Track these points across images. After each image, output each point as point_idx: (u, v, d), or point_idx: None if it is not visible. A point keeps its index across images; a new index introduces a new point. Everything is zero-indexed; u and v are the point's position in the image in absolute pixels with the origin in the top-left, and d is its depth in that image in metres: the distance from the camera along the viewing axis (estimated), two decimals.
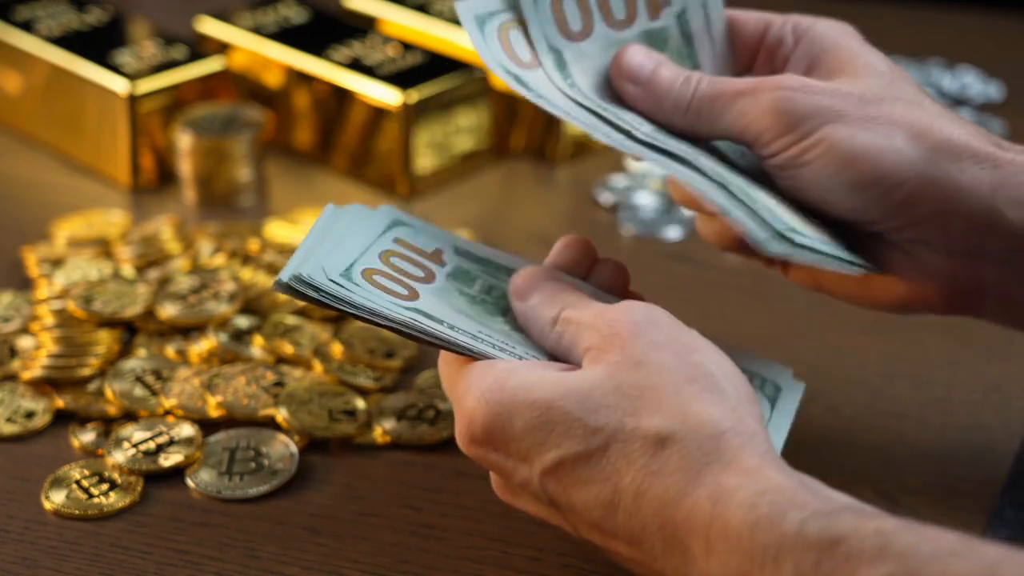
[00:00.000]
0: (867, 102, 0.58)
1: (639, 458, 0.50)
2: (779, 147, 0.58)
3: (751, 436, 0.51)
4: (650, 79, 0.60)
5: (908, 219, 0.58)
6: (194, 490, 0.64)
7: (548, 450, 0.52)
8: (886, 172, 0.57)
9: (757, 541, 0.47)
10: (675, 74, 0.60)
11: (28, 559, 0.61)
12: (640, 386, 0.52)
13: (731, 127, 0.59)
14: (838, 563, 0.45)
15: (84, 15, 0.95)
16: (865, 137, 0.57)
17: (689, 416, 0.51)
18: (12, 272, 0.80)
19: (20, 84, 0.93)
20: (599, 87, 0.61)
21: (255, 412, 0.67)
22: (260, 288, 0.75)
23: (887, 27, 1.10)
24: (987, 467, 0.65)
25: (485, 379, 0.54)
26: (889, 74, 0.60)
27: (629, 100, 0.61)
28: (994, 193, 0.57)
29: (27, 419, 0.68)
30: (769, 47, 0.63)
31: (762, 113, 0.58)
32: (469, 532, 0.62)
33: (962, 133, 0.58)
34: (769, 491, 0.48)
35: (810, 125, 0.57)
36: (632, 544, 0.51)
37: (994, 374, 0.71)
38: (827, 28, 0.62)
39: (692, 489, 0.49)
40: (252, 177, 0.87)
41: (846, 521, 0.46)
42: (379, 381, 0.70)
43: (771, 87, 0.58)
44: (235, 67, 0.93)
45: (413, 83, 0.86)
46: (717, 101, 0.59)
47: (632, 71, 0.61)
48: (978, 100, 0.99)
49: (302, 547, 0.61)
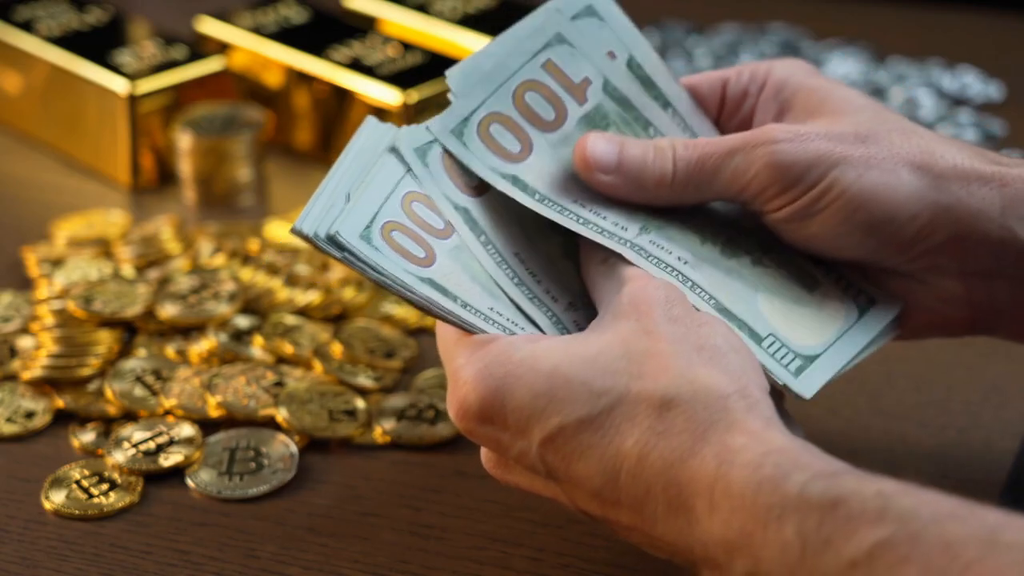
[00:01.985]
0: (864, 139, 0.57)
1: (644, 420, 0.51)
2: (784, 202, 0.57)
3: (756, 402, 0.51)
4: (620, 162, 0.58)
5: (922, 250, 0.57)
6: (194, 490, 0.64)
7: (549, 416, 0.52)
8: (898, 208, 0.56)
9: (760, 501, 0.47)
10: (642, 148, 0.58)
11: (28, 559, 0.61)
12: (646, 352, 0.52)
13: (726, 190, 0.58)
14: (839, 524, 0.45)
15: (84, 15, 0.95)
16: (873, 176, 0.56)
17: (695, 380, 0.51)
18: (12, 272, 0.80)
19: (20, 84, 0.93)
20: (566, 190, 0.59)
21: (255, 412, 0.67)
22: (260, 288, 0.75)
23: (887, 27, 1.10)
24: (987, 467, 0.65)
25: (489, 352, 0.54)
26: (870, 106, 0.60)
27: (606, 191, 0.59)
28: (1004, 213, 0.57)
29: (27, 419, 0.68)
30: (732, 102, 0.62)
31: (760, 171, 0.57)
32: (469, 532, 0.62)
33: (964, 156, 0.58)
34: (773, 452, 0.48)
35: (815, 174, 0.56)
36: (633, 510, 0.51)
37: (994, 374, 0.71)
38: (786, 69, 0.61)
39: (698, 448, 0.49)
40: (252, 177, 0.87)
41: (847, 483, 0.46)
42: (379, 381, 0.70)
43: (762, 141, 0.57)
44: (235, 67, 0.93)
45: (413, 83, 0.86)
46: (705, 165, 0.58)
47: (598, 161, 0.58)
48: (978, 100, 0.99)
49: (302, 547, 0.61)
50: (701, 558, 0.49)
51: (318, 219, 0.55)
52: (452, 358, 0.55)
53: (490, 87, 0.59)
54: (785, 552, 0.46)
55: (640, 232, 0.58)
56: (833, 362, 0.58)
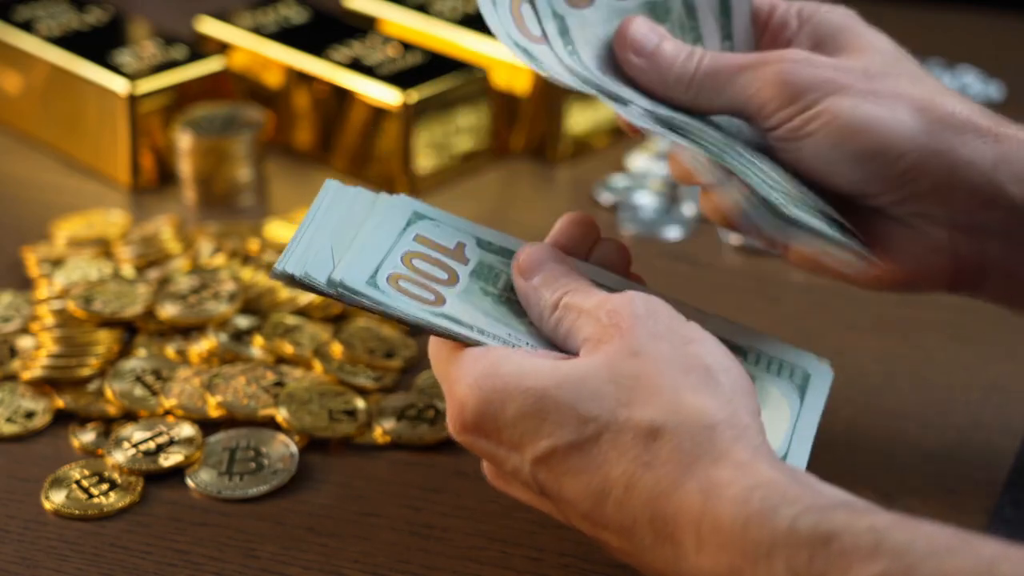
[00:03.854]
0: (871, 76, 0.58)
1: (631, 449, 0.50)
2: (781, 119, 0.58)
3: (744, 429, 0.51)
4: (654, 52, 0.60)
5: (910, 192, 0.58)
6: (194, 490, 0.64)
7: (540, 439, 0.52)
8: (888, 143, 0.57)
9: (749, 537, 0.47)
10: (678, 49, 0.60)
11: (28, 559, 0.61)
12: (634, 376, 0.51)
13: (734, 100, 0.59)
14: (832, 560, 0.45)
15: (84, 15, 0.95)
16: (868, 108, 0.57)
17: (682, 408, 0.50)
18: (12, 272, 0.80)
19: (20, 84, 0.93)
20: (601, 57, 0.61)
21: (255, 412, 0.67)
22: (260, 288, 0.75)
23: (887, 27, 1.09)
24: (987, 467, 0.65)
25: (478, 366, 0.53)
26: (893, 52, 0.61)
27: (632, 71, 0.61)
28: (995, 167, 0.57)
29: (27, 419, 0.68)
30: (773, 30, 0.63)
31: (765, 85, 0.58)
32: (469, 532, 0.62)
33: (964, 108, 0.58)
34: (761, 486, 0.48)
35: (813, 96, 0.58)
36: (622, 536, 0.51)
37: (994, 374, 0.71)
38: (831, 12, 0.62)
39: (683, 482, 0.49)
40: (252, 177, 0.87)
41: (839, 517, 0.46)
42: (379, 381, 0.70)
43: (774, 60, 0.59)
44: (235, 67, 0.93)
45: (413, 83, 0.86)
46: (720, 75, 0.59)
47: (636, 43, 0.60)
48: (978, 100, 0.99)
49: (302, 547, 0.61)
50: None
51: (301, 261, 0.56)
52: (446, 372, 0.55)
53: None
54: None
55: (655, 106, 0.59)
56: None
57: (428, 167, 0.88)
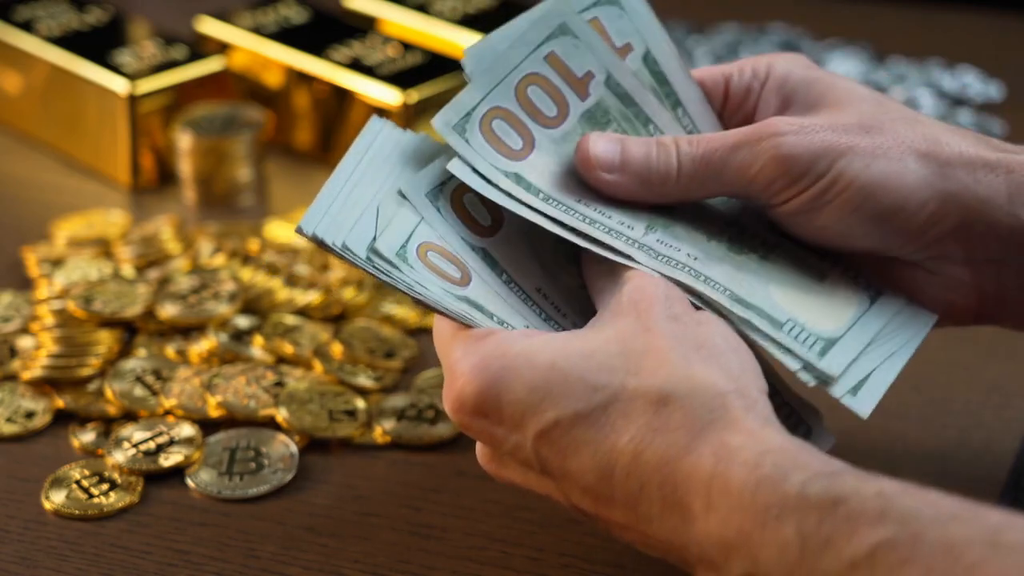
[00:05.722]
0: (869, 129, 0.57)
1: (640, 416, 0.50)
2: (792, 194, 0.57)
3: (754, 401, 0.51)
4: (623, 161, 0.58)
5: (930, 238, 0.57)
6: (194, 490, 0.64)
7: (545, 411, 0.52)
8: (906, 197, 0.56)
9: (759, 500, 0.47)
10: (645, 147, 0.58)
11: (28, 559, 0.61)
12: (644, 349, 0.52)
13: (732, 184, 0.58)
14: (839, 523, 0.45)
15: (84, 15, 0.95)
16: (879, 166, 0.56)
17: (693, 378, 0.51)
18: (12, 272, 0.80)
19: (20, 84, 0.93)
20: (568, 188, 0.59)
21: (255, 412, 0.67)
22: (260, 288, 0.75)
23: (887, 27, 1.10)
24: (987, 467, 0.65)
25: (486, 346, 0.53)
26: (873, 96, 0.59)
27: (609, 190, 0.58)
28: (1011, 200, 0.57)
29: (27, 419, 0.68)
30: (735, 97, 0.62)
31: (766, 164, 0.57)
32: (469, 532, 0.62)
33: (969, 144, 0.57)
34: (771, 451, 0.48)
35: (822, 166, 0.56)
36: (628, 507, 0.51)
37: (994, 374, 0.71)
38: (786, 64, 0.61)
39: (695, 446, 0.49)
40: (252, 177, 0.87)
41: (847, 482, 0.46)
42: (379, 381, 0.70)
43: (767, 135, 0.57)
44: (235, 67, 0.93)
45: (413, 83, 0.86)
46: (711, 161, 0.57)
47: (601, 160, 0.58)
48: (978, 100, 0.99)
49: (302, 547, 0.61)
50: (696, 558, 0.49)
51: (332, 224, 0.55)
52: (449, 351, 0.55)
53: (493, 80, 0.59)
54: (784, 552, 0.46)
55: (647, 231, 0.58)
56: (855, 343, 0.57)
57: None
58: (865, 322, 0.58)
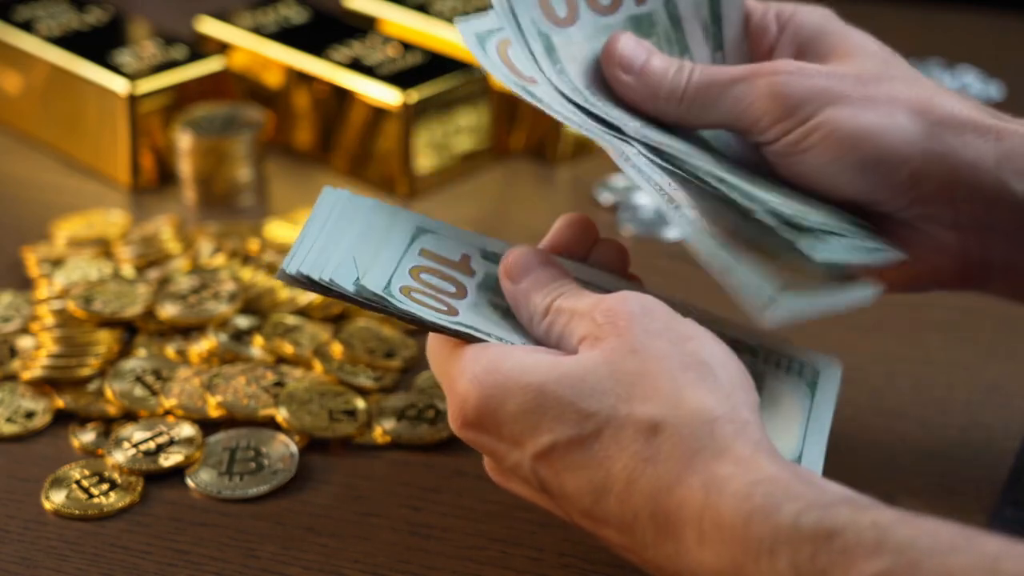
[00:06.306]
0: (865, 82, 0.58)
1: (631, 444, 0.50)
2: (778, 132, 0.57)
3: (744, 424, 0.50)
4: (643, 68, 0.59)
5: (914, 196, 0.57)
6: (194, 490, 0.64)
7: (541, 434, 0.52)
8: (890, 150, 0.57)
9: (752, 533, 0.47)
10: (667, 63, 0.59)
11: (28, 559, 0.61)
12: (634, 372, 0.51)
13: (727, 114, 0.58)
14: (835, 556, 0.45)
15: (84, 15, 0.95)
16: (867, 117, 0.57)
17: (682, 403, 0.50)
18: (12, 272, 0.80)
19: (20, 84, 0.93)
20: (588, 74, 0.60)
21: (255, 412, 0.67)
22: (260, 288, 0.75)
23: (887, 27, 1.09)
24: (987, 467, 0.65)
25: (479, 362, 0.53)
26: (881, 53, 0.60)
27: (621, 89, 0.60)
28: (999, 165, 0.57)
29: (27, 419, 0.68)
30: (753, 37, 0.62)
31: (759, 98, 0.57)
32: (469, 532, 0.62)
33: (963, 107, 0.58)
34: (763, 481, 0.48)
35: (810, 108, 0.57)
36: (623, 532, 0.51)
37: (994, 374, 0.71)
38: (810, 14, 0.62)
39: (685, 477, 0.49)
40: (252, 177, 0.87)
41: (842, 513, 0.46)
42: (379, 381, 0.70)
43: (767, 72, 0.58)
44: (235, 67, 0.93)
45: (413, 83, 0.86)
46: (712, 88, 0.58)
47: (624, 60, 0.59)
48: (978, 100, 0.99)
49: (302, 547, 0.61)
50: None
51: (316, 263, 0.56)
52: (446, 370, 0.55)
53: None
54: None
55: (642, 127, 0.58)
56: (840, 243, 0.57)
57: (428, 167, 0.88)
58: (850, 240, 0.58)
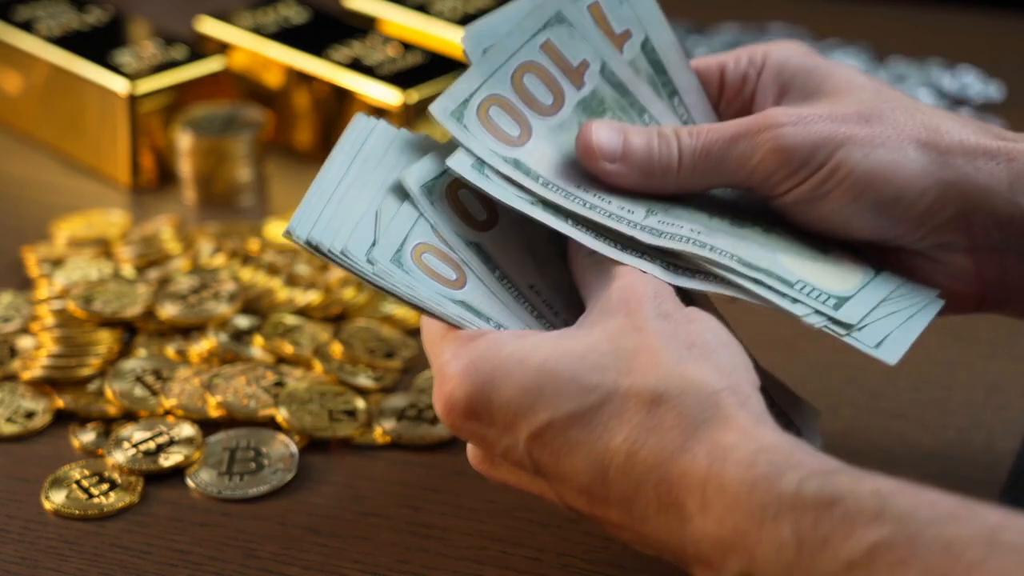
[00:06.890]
0: (868, 119, 0.57)
1: (633, 416, 0.50)
2: (791, 185, 0.57)
3: (746, 398, 0.51)
4: (625, 150, 0.58)
5: (931, 227, 0.57)
6: (194, 490, 0.64)
7: (537, 412, 0.52)
8: (906, 186, 0.56)
9: (755, 500, 0.47)
10: (647, 136, 0.58)
11: (28, 559, 0.61)
12: (636, 348, 0.52)
13: (732, 176, 0.58)
14: (836, 523, 0.45)
15: (84, 15, 0.95)
16: (878, 155, 0.56)
17: (685, 376, 0.51)
18: (12, 272, 0.80)
19: (20, 84, 0.93)
20: (567, 177, 0.59)
21: (255, 412, 0.67)
22: (260, 288, 0.75)
23: (887, 27, 1.10)
24: (987, 467, 0.65)
25: (475, 347, 0.53)
26: (871, 85, 0.59)
27: (610, 179, 0.58)
28: (1012, 188, 0.57)
29: (27, 419, 0.68)
30: (732, 86, 0.62)
31: (765, 156, 0.57)
32: (469, 532, 0.62)
33: (969, 132, 0.58)
34: (766, 450, 0.48)
35: (820, 157, 0.56)
36: (623, 507, 0.51)
37: (994, 374, 0.71)
38: (784, 51, 0.61)
39: (689, 445, 0.49)
40: (252, 177, 0.87)
41: (843, 481, 0.46)
42: (379, 381, 0.70)
43: (766, 126, 0.57)
44: (235, 67, 0.93)
45: (413, 83, 0.86)
46: (711, 153, 0.58)
47: (604, 149, 0.58)
48: (978, 100, 0.99)
49: (302, 547, 0.61)
50: (693, 557, 0.49)
51: (328, 228, 0.55)
52: (438, 353, 0.55)
53: (490, 68, 0.59)
54: (780, 551, 0.46)
55: (647, 215, 0.58)
56: (870, 298, 0.57)
57: None
58: (875, 285, 0.58)
